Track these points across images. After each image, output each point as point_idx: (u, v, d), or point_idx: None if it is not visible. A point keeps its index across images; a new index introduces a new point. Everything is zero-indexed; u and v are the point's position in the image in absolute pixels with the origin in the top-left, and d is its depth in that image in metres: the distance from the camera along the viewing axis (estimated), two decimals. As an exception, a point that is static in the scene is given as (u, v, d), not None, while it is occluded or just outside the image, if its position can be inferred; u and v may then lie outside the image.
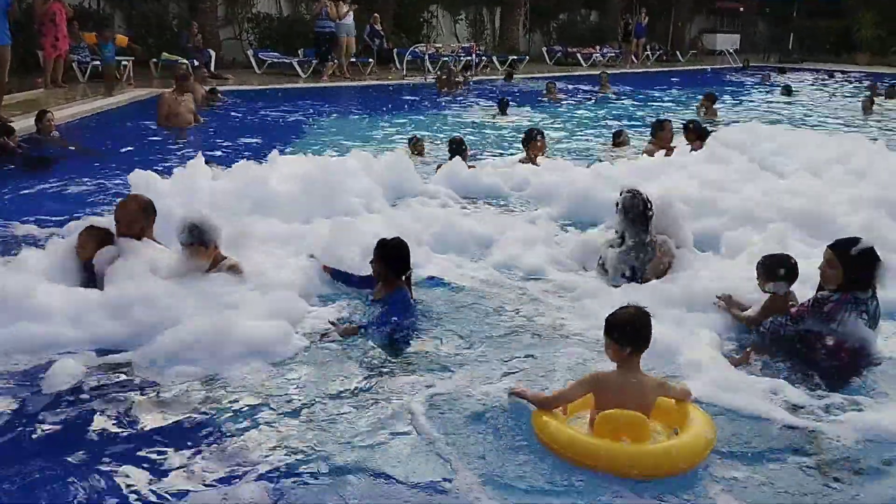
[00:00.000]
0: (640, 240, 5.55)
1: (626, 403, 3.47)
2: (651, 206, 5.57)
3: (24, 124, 10.73)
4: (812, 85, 24.09)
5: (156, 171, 6.73)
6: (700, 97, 16.06)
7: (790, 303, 4.64)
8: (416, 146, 10.58)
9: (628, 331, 3.56)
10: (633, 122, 14.90)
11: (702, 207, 6.92)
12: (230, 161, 7.95)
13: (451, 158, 9.21)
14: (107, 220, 5.26)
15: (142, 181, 6.17)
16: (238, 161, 7.42)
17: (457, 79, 19.42)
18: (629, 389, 3.54)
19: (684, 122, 11.20)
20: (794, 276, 4.74)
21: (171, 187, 6.38)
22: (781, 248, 5.33)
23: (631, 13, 31.96)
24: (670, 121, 10.75)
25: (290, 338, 4.52)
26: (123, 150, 10.49)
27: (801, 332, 4.38)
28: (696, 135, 10.03)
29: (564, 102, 18.04)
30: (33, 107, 12.37)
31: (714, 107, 15.12)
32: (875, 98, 17.47)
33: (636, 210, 5.53)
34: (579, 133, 13.82)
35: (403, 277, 5.07)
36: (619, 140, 11.55)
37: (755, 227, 6.36)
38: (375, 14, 22.77)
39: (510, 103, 15.31)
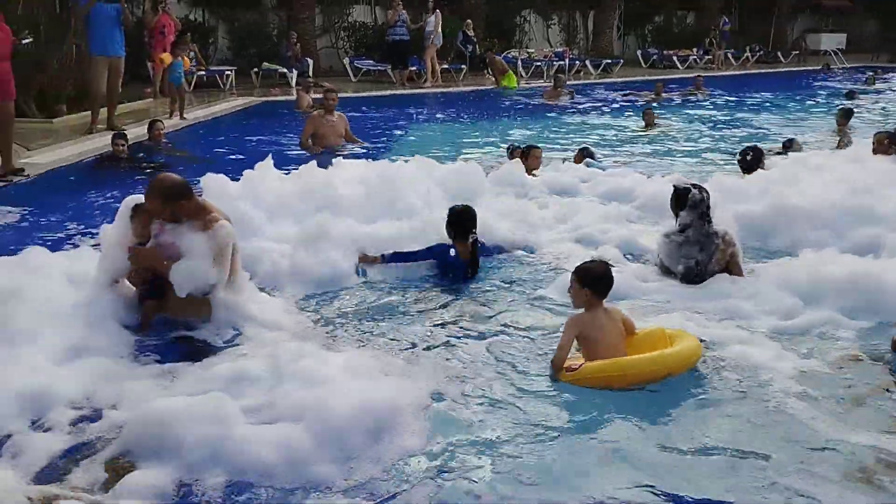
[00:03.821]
0: (705, 231, 5.59)
1: (606, 333, 4.28)
2: (709, 198, 5.69)
3: (135, 133, 11.27)
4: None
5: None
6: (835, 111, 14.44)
7: None
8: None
9: (594, 278, 4.37)
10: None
11: (857, 214, 6.67)
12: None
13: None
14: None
15: (214, 184, 6.26)
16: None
17: (562, 87, 18.54)
18: (605, 322, 4.32)
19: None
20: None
21: (241, 189, 6.58)
22: None
23: (728, 14, 31.08)
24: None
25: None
26: (228, 156, 10.87)
27: None
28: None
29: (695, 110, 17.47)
30: (143, 116, 13.00)
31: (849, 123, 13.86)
32: None
33: (703, 205, 5.62)
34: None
35: (470, 241, 5.81)
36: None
37: None
38: (468, 20, 22.90)
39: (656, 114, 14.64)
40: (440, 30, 20.50)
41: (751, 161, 8.65)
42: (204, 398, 3.56)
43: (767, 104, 18.92)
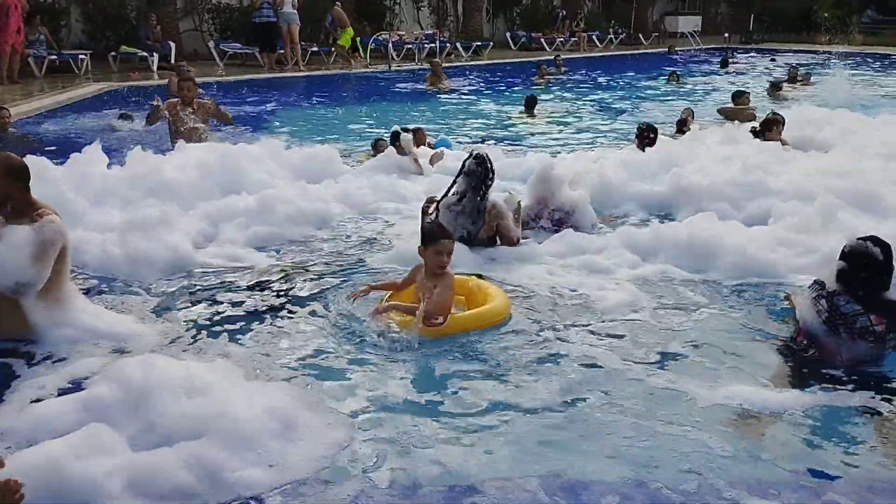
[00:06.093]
0: (476, 205, 5.83)
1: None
2: (493, 174, 5.90)
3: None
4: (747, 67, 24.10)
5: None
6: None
7: None
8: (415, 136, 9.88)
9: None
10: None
11: (751, 190, 6.98)
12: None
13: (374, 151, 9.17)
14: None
15: (34, 167, 5.69)
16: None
17: (440, 71, 18.19)
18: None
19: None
20: None
21: (65, 174, 6.35)
22: (828, 222, 5.57)
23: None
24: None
25: None
26: (84, 145, 10.28)
27: None
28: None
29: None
30: (-12, 103, 12.13)
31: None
32: (778, 82, 16.93)
33: (478, 176, 5.83)
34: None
35: None
36: (683, 128, 11.01)
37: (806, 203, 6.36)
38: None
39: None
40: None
41: (654, 138, 9.00)
42: (81, 433, 3.07)
43: (628, 84, 19.70)
